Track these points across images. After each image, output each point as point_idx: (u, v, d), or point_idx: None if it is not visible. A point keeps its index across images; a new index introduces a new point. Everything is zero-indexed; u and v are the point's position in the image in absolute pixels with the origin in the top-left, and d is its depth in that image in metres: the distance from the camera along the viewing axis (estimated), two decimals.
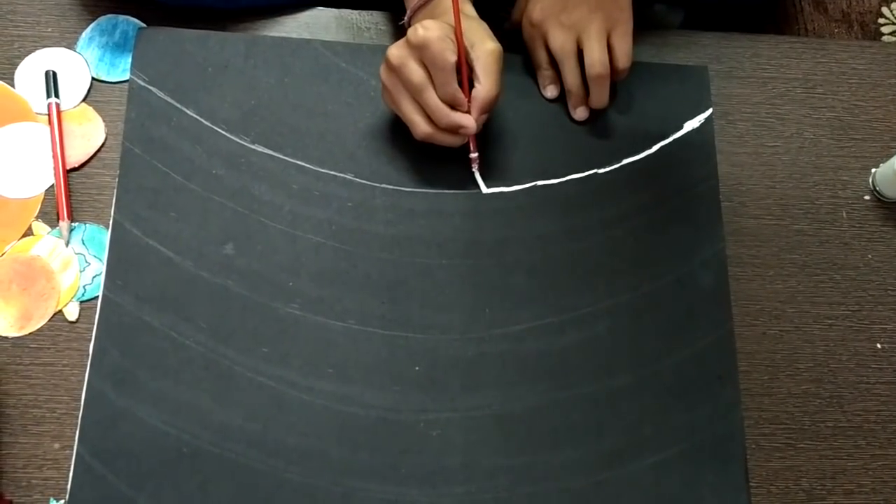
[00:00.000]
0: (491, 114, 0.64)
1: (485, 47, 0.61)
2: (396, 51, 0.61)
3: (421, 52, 0.59)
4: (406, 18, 0.67)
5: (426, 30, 0.59)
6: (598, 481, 0.60)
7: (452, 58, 0.60)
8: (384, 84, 0.63)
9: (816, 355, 0.66)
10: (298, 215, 0.64)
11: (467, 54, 0.61)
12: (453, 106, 0.62)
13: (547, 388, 0.62)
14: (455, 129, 0.62)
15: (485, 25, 0.63)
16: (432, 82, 0.61)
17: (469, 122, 0.62)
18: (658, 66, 0.72)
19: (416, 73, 0.60)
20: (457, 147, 0.64)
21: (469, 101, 0.62)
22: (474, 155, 0.66)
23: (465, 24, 0.62)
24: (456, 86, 0.61)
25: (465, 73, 0.62)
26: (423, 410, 0.60)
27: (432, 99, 0.61)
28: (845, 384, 0.66)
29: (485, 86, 0.61)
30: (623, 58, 0.67)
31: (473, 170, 0.67)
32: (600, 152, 0.69)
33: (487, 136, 0.68)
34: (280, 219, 0.64)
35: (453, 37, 0.60)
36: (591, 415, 0.61)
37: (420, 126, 0.62)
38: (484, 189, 0.66)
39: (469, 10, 0.65)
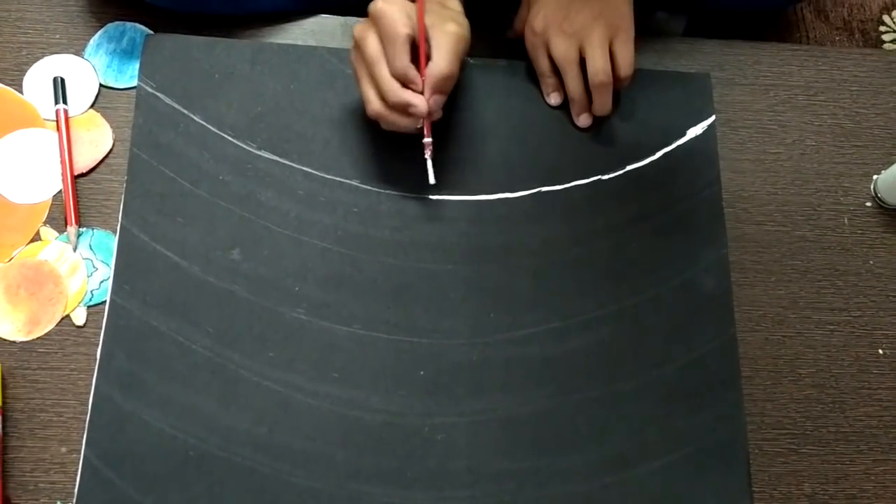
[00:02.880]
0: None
1: (445, 28, 0.60)
2: (359, 26, 0.61)
3: (377, 24, 0.59)
4: None
5: (385, 2, 0.59)
6: (603, 485, 0.60)
7: (404, 30, 0.59)
8: (351, 63, 0.63)
9: (819, 360, 0.67)
10: (304, 221, 0.65)
11: (428, 34, 0.61)
12: (405, 84, 0.60)
13: (551, 392, 0.62)
14: (405, 108, 0.60)
15: (457, 13, 0.62)
16: (386, 57, 0.60)
17: (418, 100, 0.60)
18: (661, 73, 0.73)
19: (371, 45, 0.60)
20: (411, 132, 0.63)
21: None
22: (427, 140, 0.63)
23: (436, 9, 0.61)
24: (407, 61, 0.59)
25: (422, 52, 0.60)
26: (428, 415, 0.61)
27: (383, 72, 0.60)
28: (847, 389, 0.66)
29: (437, 63, 0.60)
30: (625, 66, 0.67)
31: (426, 156, 0.64)
32: (604, 159, 0.69)
33: (492, 142, 0.69)
34: (286, 224, 0.65)
35: (414, 15, 0.60)
36: (596, 419, 0.62)
37: (372, 103, 0.61)
38: (432, 180, 0.64)
39: (451, 3, 0.64)
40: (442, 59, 0.60)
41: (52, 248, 0.64)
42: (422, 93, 0.61)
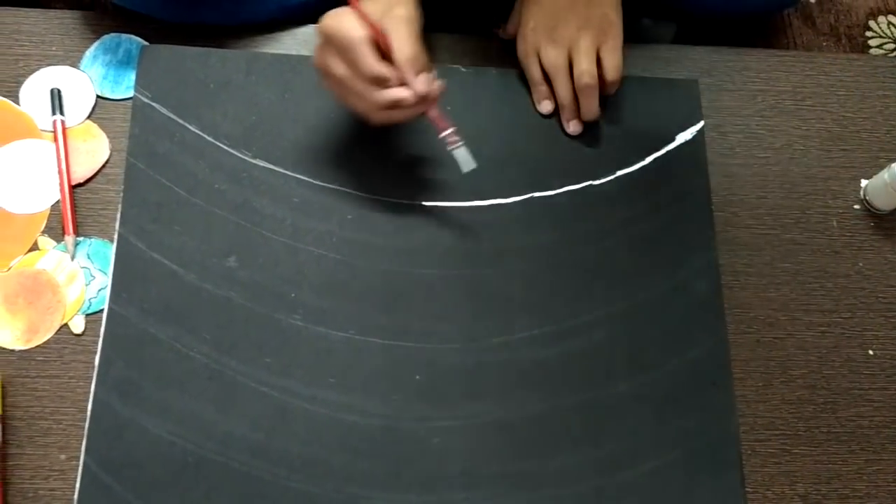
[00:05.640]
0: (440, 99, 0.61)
1: (393, 13, 0.60)
2: (316, 53, 0.61)
3: (331, 41, 0.59)
4: None
5: (328, 17, 0.59)
6: (597, 487, 0.61)
7: (359, 33, 0.58)
8: (331, 91, 0.63)
9: (810, 362, 0.67)
10: (299, 228, 0.66)
11: (382, 27, 0.60)
12: (382, 82, 0.60)
13: (545, 395, 0.63)
14: (395, 106, 0.60)
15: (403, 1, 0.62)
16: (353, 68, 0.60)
17: (403, 93, 0.60)
18: (650, 80, 0.74)
19: (336, 66, 0.60)
20: (418, 117, 0.63)
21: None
22: (446, 132, 0.63)
23: (376, 3, 0.60)
24: (372, 60, 0.59)
25: (384, 46, 0.60)
26: (423, 418, 0.61)
27: (359, 85, 0.60)
28: (839, 390, 0.67)
29: (398, 49, 0.59)
30: (612, 70, 0.68)
31: (456, 146, 0.63)
32: (595, 164, 0.70)
33: (484, 149, 0.69)
34: (281, 231, 0.65)
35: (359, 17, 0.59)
36: (589, 422, 0.62)
37: (371, 114, 0.61)
38: (470, 165, 0.64)
39: None
40: (402, 44, 0.59)
41: (50, 258, 0.64)
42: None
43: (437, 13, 0.79)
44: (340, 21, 0.59)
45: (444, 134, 0.63)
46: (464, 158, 0.64)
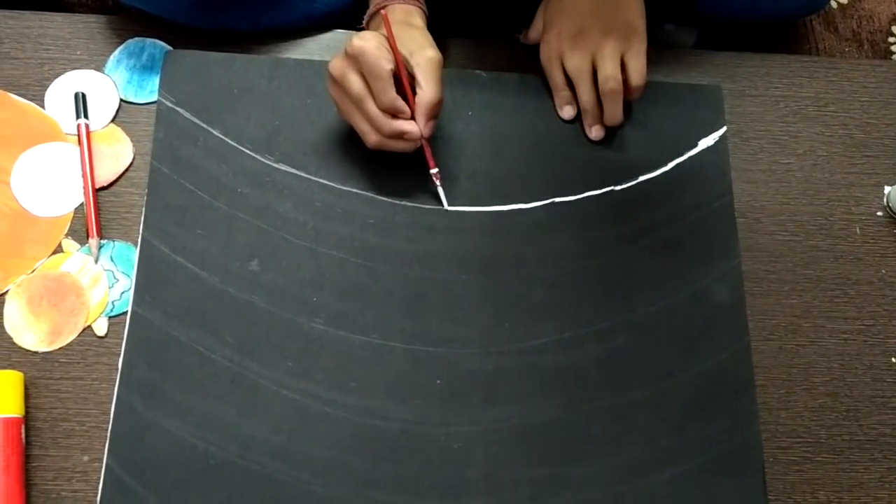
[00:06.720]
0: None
1: (424, 54, 0.62)
2: (337, 63, 0.62)
3: (358, 62, 0.60)
4: (364, 20, 0.68)
5: (362, 40, 0.60)
6: (618, 493, 0.61)
7: (388, 66, 0.60)
8: (332, 98, 0.64)
9: (832, 369, 0.67)
10: (321, 232, 0.66)
11: (407, 62, 0.62)
12: (395, 114, 0.62)
13: (566, 401, 0.63)
14: (400, 136, 0.63)
15: (427, 35, 0.65)
16: (372, 92, 0.62)
17: (411, 127, 0.63)
18: (673, 85, 0.74)
19: (355, 83, 0.61)
20: (411, 153, 0.65)
21: (413, 108, 0.63)
22: (434, 171, 0.66)
23: (406, 33, 0.63)
24: (394, 94, 0.61)
25: (404, 80, 0.62)
26: (444, 423, 0.61)
27: (372, 109, 0.62)
28: (861, 398, 0.66)
29: (426, 91, 0.62)
30: (636, 76, 0.68)
31: (437, 185, 0.67)
32: (617, 170, 0.70)
33: (506, 154, 0.70)
34: (304, 235, 0.66)
35: (388, 45, 0.62)
36: (610, 428, 0.62)
37: (369, 135, 0.63)
38: (447, 206, 0.67)
39: (416, 21, 0.66)
40: (431, 88, 0.62)
41: (74, 260, 0.65)
42: (412, 119, 0.63)
43: (460, 18, 0.80)
44: (373, 48, 0.60)
45: (433, 171, 0.67)
46: (444, 196, 0.67)
